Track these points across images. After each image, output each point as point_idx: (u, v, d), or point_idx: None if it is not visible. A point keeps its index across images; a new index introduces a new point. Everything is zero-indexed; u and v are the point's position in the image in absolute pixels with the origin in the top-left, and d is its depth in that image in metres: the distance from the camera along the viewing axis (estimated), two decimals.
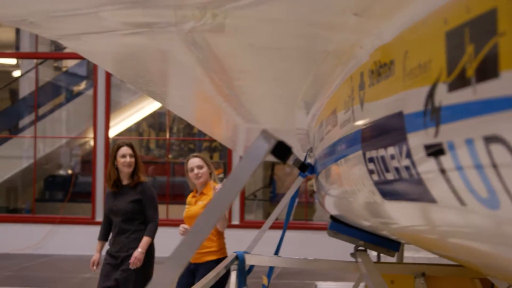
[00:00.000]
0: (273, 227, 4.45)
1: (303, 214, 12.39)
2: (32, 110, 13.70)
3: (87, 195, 12.24)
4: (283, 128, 3.71)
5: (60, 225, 11.51)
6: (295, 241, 10.11)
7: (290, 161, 1.71)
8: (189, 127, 15.85)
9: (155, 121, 16.47)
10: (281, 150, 1.51)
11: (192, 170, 6.04)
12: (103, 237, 6.38)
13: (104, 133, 12.11)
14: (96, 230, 11.78)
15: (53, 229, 11.49)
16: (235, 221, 11.67)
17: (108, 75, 12.12)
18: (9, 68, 15.87)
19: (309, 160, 4.20)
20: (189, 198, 6.19)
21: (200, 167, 6.02)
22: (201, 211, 5.69)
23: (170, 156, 14.27)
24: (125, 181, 6.26)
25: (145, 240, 6.13)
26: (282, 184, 14.07)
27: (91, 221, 11.57)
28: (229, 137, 5.77)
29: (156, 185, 13.97)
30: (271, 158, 1.69)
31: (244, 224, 11.61)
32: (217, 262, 5.58)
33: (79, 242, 11.26)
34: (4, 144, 13.95)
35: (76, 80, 15.40)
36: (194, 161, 6.05)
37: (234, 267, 4.06)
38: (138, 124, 15.93)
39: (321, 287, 9.17)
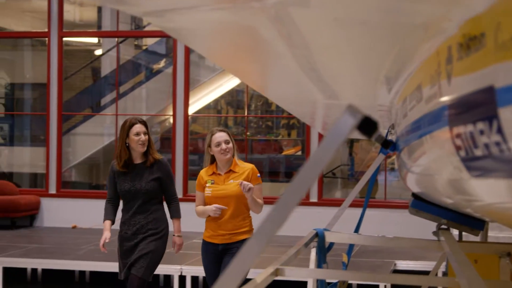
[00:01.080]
0: (351, 205, 4.42)
1: (381, 192, 12.26)
2: (113, 88, 13.97)
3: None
4: (364, 104, 3.67)
5: None
6: (374, 220, 10.03)
7: (373, 137, 1.69)
8: (267, 104, 15.87)
9: (233, 98, 16.57)
10: (367, 126, 1.49)
11: (219, 144, 5.66)
12: (112, 217, 6.04)
13: (184, 111, 12.26)
14: None
15: None
16: (313, 198, 11.67)
17: (187, 53, 12.23)
18: (91, 47, 16.21)
19: (390, 137, 4.15)
20: (207, 176, 5.77)
21: (227, 142, 5.67)
22: (237, 191, 5.62)
23: (248, 133, 14.34)
24: (137, 160, 5.93)
25: (178, 223, 5.97)
26: (361, 162, 13.97)
27: None
28: (308, 113, 5.74)
29: None
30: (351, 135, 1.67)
31: (322, 202, 11.60)
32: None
33: None
34: (87, 122, 14.28)
35: (155, 58, 15.61)
36: (221, 135, 5.69)
37: (313, 244, 4.05)
38: (216, 102, 16.04)
39: (401, 266, 9.10)
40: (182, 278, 8.58)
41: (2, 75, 15.95)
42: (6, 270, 9.02)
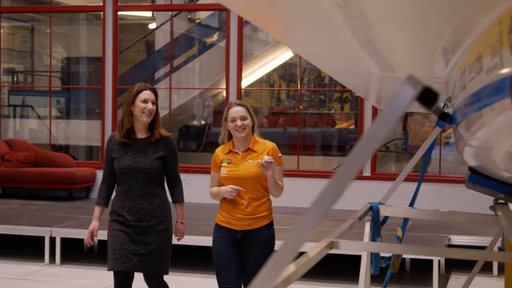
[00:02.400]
0: (404, 179, 4.38)
1: (434, 167, 12.12)
2: (166, 61, 14.04)
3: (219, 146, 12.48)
4: (421, 77, 3.61)
5: (194, 174, 11.83)
6: (428, 194, 9.94)
7: (432, 109, 1.65)
8: (320, 77, 15.79)
9: (286, 72, 16.52)
10: (427, 97, 1.46)
11: (234, 120, 5.18)
12: (105, 202, 5.32)
13: (236, 84, 12.27)
14: None
15: (187, 178, 11.84)
16: (366, 172, 11.60)
17: (241, 26, 12.21)
18: (145, 21, 16.32)
19: (446, 110, 4.08)
20: (224, 155, 5.27)
21: (244, 118, 5.18)
22: (256, 172, 5.20)
23: (300, 107, 14.29)
24: (140, 134, 5.23)
25: (181, 208, 5.42)
26: (415, 136, 13.81)
27: None
28: (362, 86, 5.68)
29: (287, 136, 14.09)
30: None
31: (375, 176, 11.53)
32: (269, 226, 5.28)
33: None
34: None
35: (208, 32, 15.64)
36: (237, 111, 5.21)
37: (368, 218, 4.03)
38: (269, 75, 16.02)
39: (455, 241, 9.00)
40: None
41: (58, 49, 16.19)
42: (63, 240, 9.21)
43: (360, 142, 1.41)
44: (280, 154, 5.25)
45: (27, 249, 9.86)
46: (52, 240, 9.17)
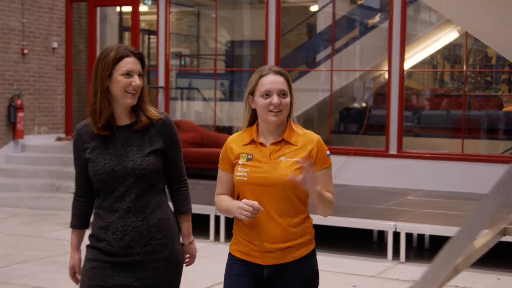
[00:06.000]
0: None
1: None
2: (327, 44, 14.03)
3: (381, 128, 12.35)
4: None
5: (355, 156, 11.77)
6: None
7: None
8: (486, 58, 15.24)
9: (450, 53, 16.06)
10: None
11: (268, 95, 3.35)
12: (83, 223, 3.61)
13: (399, 66, 12.06)
14: (389, 162, 11.83)
15: (348, 160, 11.79)
16: None
17: (404, 7, 11.97)
18: (307, 3, 16.39)
19: None
20: (242, 147, 3.43)
21: (283, 93, 3.37)
22: (296, 174, 3.38)
23: (466, 89, 13.84)
24: (122, 120, 3.47)
25: (188, 222, 3.70)
26: None
27: (384, 154, 11.68)
28: None
29: (450, 119, 13.70)
30: None
31: None
32: (311, 256, 3.46)
33: (373, 173, 11.45)
34: (302, 78, 14.51)
35: (370, 13, 15.47)
36: (275, 81, 3.36)
37: None
38: (432, 57, 15.64)
39: None
40: (396, 234, 8.54)
41: (222, 33, 16.61)
42: (227, 219, 9.46)
43: None
44: (328, 152, 3.50)
45: (193, 226, 10.21)
46: (217, 218, 9.46)
